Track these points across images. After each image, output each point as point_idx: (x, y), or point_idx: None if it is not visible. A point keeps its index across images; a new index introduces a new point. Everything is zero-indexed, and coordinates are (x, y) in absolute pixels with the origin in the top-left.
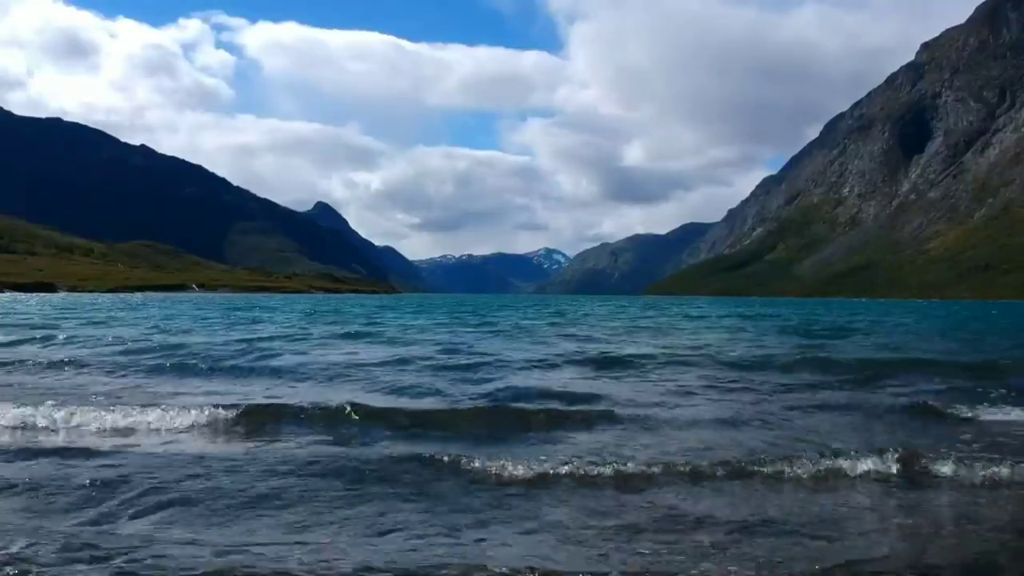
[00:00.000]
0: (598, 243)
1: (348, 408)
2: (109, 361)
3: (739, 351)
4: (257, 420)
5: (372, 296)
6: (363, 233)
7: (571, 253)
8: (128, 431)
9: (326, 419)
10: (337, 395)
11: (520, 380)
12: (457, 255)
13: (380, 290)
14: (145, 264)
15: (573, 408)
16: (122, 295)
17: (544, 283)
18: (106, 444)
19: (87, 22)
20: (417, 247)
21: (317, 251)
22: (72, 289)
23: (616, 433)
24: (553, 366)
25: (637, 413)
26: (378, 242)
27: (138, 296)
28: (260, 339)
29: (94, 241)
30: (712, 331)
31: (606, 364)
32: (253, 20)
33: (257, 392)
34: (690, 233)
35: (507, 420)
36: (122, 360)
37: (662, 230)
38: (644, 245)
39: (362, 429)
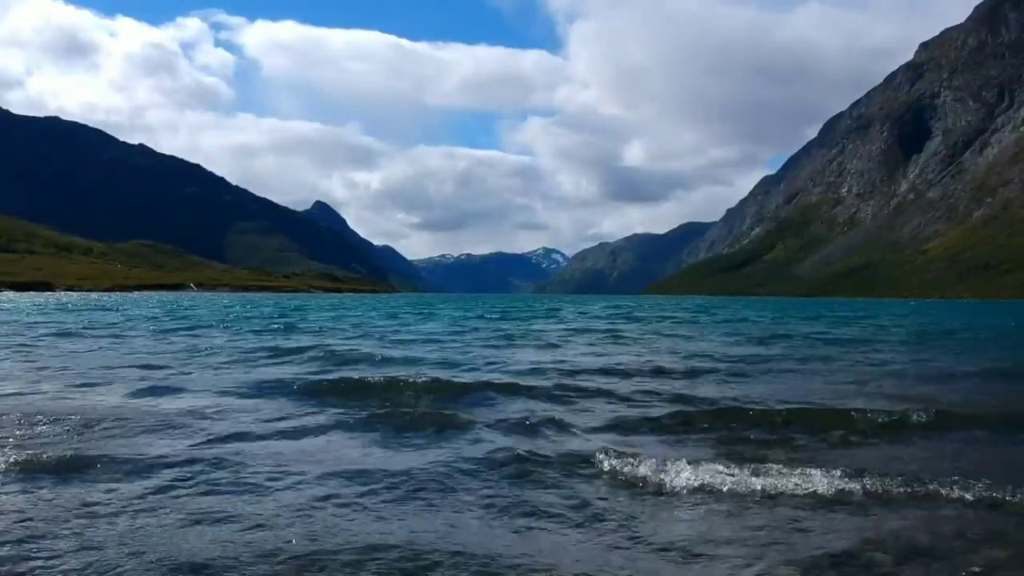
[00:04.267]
0: (597, 243)
1: None
2: None
3: None
4: None
5: (386, 296)
6: (362, 233)
7: (570, 253)
8: None
9: None
10: None
11: None
12: (456, 255)
13: (380, 289)
14: (144, 264)
15: None
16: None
17: (543, 283)
18: None
19: (86, 21)
20: (416, 247)
21: (316, 251)
22: (70, 288)
23: None
24: None
25: None
26: (377, 242)
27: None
28: None
29: (93, 240)
30: None
31: None
32: (252, 19)
33: None
34: (689, 233)
35: None
36: None
37: (661, 230)
38: (643, 245)
39: None
